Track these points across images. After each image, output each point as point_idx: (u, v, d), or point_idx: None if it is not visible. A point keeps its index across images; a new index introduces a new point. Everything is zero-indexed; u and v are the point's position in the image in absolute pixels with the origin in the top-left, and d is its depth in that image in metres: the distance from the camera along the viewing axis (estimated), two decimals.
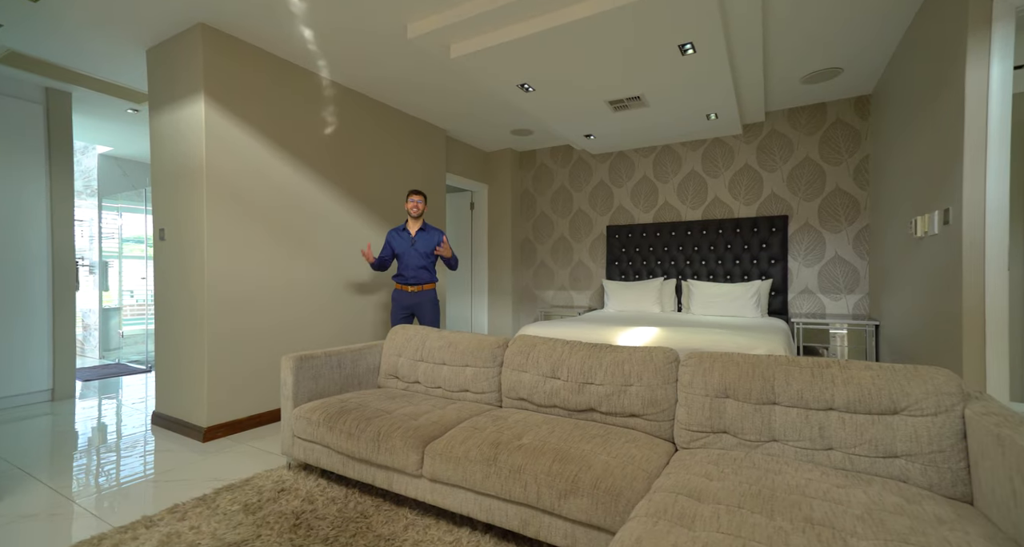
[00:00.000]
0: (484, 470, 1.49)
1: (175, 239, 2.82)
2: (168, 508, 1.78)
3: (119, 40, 2.83)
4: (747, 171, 4.31)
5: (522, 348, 2.08)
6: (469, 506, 1.55)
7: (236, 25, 2.66)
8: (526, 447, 1.51)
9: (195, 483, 2.06)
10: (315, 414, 1.97)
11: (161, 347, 2.93)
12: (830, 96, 3.83)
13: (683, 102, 3.50)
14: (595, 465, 1.37)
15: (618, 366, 1.80)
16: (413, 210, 3.23)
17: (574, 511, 1.32)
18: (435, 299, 3.29)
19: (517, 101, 3.46)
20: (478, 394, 2.16)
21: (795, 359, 1.51)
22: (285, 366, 2.11)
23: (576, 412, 1.87)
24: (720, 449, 1.53)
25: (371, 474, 1.81)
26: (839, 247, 3.92)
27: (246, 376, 2.85)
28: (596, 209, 5.11)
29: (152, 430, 2.84)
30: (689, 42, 2.57)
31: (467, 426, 1.74)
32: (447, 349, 2.29)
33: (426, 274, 3.25)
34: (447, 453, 1.58)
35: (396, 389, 2.38)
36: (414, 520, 1.69)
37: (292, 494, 1.89)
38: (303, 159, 3.19)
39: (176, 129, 2.78)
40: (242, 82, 2.82)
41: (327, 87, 3.36)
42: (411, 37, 2.67)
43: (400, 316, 3.25)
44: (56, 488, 2.03)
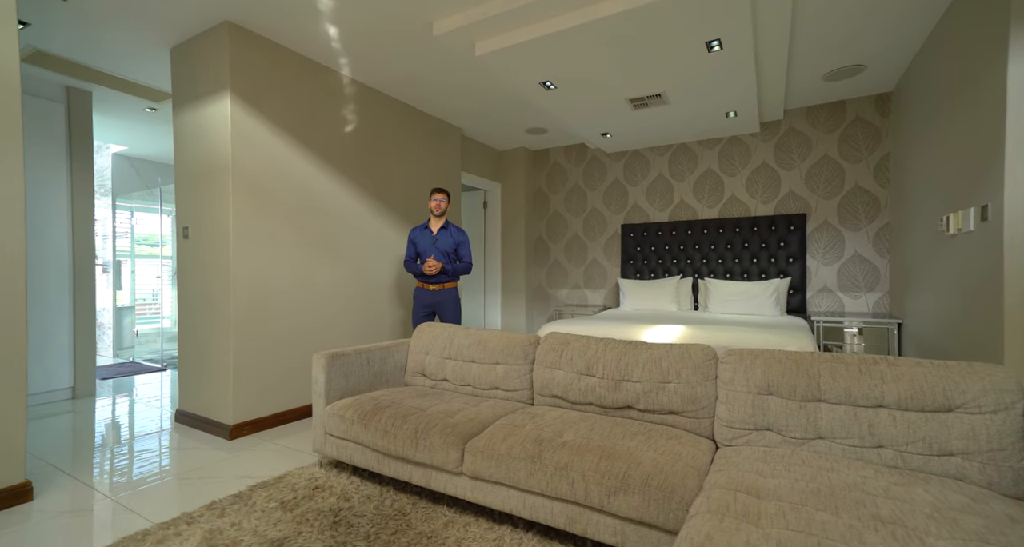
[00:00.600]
0: (528, 467, 1.49)
1: (199, 237, 2.82)
2: (206, 505, 1.79)
3: (143, 38, 2.83)
4: (764, 169, 4.29)
5: (554, 346, 2.07)
6: (512, 503, 1.55)
7: (261, 23, 2.66)
8: (570, 444, 1.51)
9: (228, 480, 2.06)
10: (348, 412, 1.97)
11: (184, 345, 2.93)
12: (850, 94, 3.81)
13: (704, 100, 3.49)
14: (644, 462, 1.36)
15: (655, 363, 1.80)
16: (436, 209, 3.24)
17: (624, 508, 1.31)
18: (456, 298, 3.28)
19: (537, 99, 3.46)
20: (509, 392, 2.15)
21: (840, 356, 1.50)
22: (317, 363, 2.11)
23: (612, 409, 1.86)
24: (764, 447, 1.52)
25: (408, 472, 1.80)
26: (859, 245, 3.90)
27: (271, 375, 2.85)
28: (611, 208, 5.10)
29: (175, 428, 2.85)
30: (717, 39, 2.56)
31: (505, 423, 1.74)
32: (476, 347, 2.29)
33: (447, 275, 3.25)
34: (489, 450, 1.58)
35: (424, 387, 2.38)
36: (453, 518, 1.68)
37: (327, 492, 1.89)
38: (325, 158, 3.19)
39: (200, 127, 2.79)
40: (266, 80, 2.82)
41: (348, 85, 3.36)
42: (436, 34, 2.67)
43: (421, 314, 3.25)
44: (90, 484, 2.03)
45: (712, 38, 2.55)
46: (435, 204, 3.23)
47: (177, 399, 3.53)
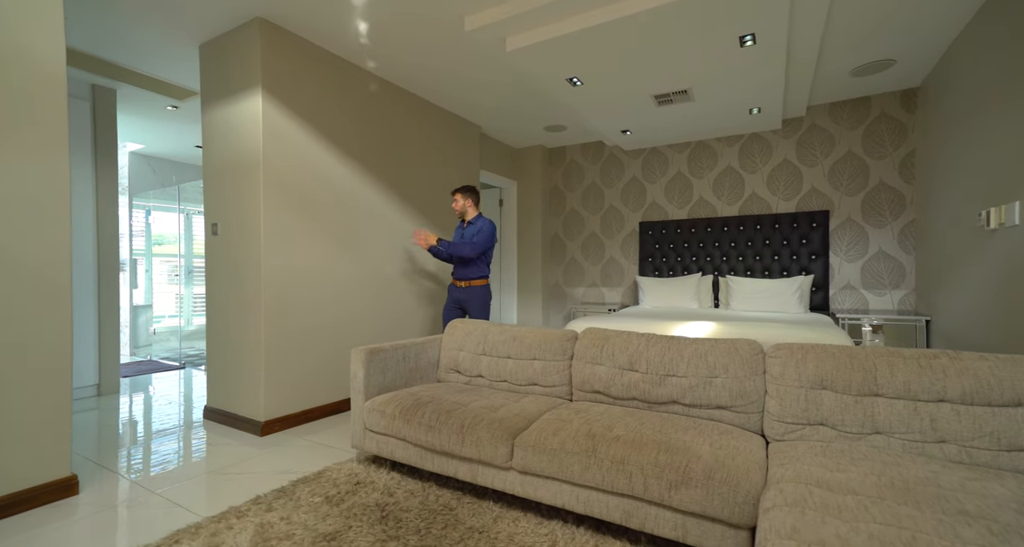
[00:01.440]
0: (583, 462, 1.48)
1: (229, 234, 2.83)
2: (251, 499, 1.79)
3: (172, 35, 2.84)
4: (786, 166, 4.26)
5: (594, 341, 2.06)
6: (564, 498, 1.54)
7: (292, 19, 2.66)
8: (624, 439, 1.50)
9: (267, 475, 2.06)
10: (389, 407, 1.97)
11: (212, 342, 2.94)
12: (874, 90, 3.78)
13: (729, 96, 3.47)
14: (703, 456, 1.35)
15: (701, 358, 1.79)
16: (455, 212, 3.28)
17: (686, 502, 1.30)
18: (484, 296, 3.21)
19: (562, 95, 3.44)
20: (547, 387, 2.15)
21: (897, 350, 1.49)
22: (356, 359, 2.11)
23: (656, 404, 1.85)
24: (819, 441, 1.50)
25: (453, 467, 1.80)
26: (883, 242, 3.87)
27: (300, 371, 2.85)
28: (628, 205, 5.08)
29: (204, 424, 2.85)
30: (751, 34, 2.54)
31: (551, 418, 1.73)
32: (512, 343, 2.28)
33: (473, 269, 3.18)
34: (540, 445, 1.57)
35: (458, 383, 2.38)
36: (500, 512, 1.68)
37: (369, 487, 1.89)
38: (351, 155, 3.19)
39: (230, 124, 2.79)
40: (295, 77, 2.82)
41: (374, 83, 3.36)
42: (468, 30, 2.66)
43: (450, 310, 3.25)
44: (132, 479, 2.04)
45: (747, 32, 2.53)
46: (454, 205, 3.26)
47: (196, 396, 3.55)
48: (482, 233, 3.15)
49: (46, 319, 1.82)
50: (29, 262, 1.78)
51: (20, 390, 1.74)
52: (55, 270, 1.85)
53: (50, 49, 1.83)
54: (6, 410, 1.71)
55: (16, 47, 1.74)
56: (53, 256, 1.84)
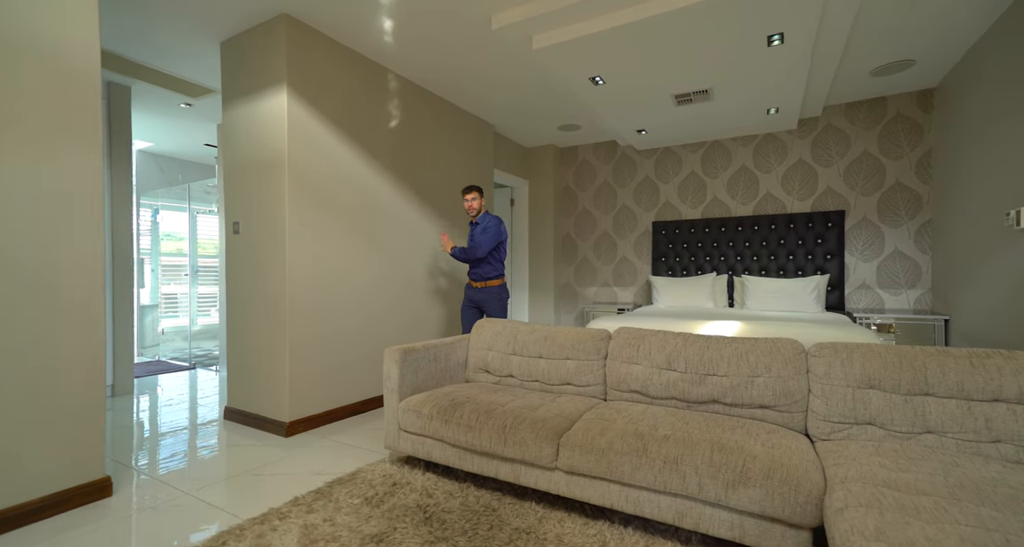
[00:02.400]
0: (634, 461, 1.47)
1: (251, 233, 2.81)
2: (289, 501, 1.77)
3: (192, 31, 2.81)
4: (801, 166, 4.27)
5: (630, 340, 2.05)
6: (612, 498, 1.53)
7: (317, 16, 2.64)
8: (673, 438, 1.49)
9: (300, 477, 2.05)
10: (425, 407, 1.96)
11: (233, 342, 2.92)
12: (891, 90, 3.79)
13: (749, 96, 3.47)
14: (758, 456, 1.35)
15: (742, 357, 1.78)
16: (469, 211, 3.23)
17: (744, 502, 1.30)
18: (501, 296, 3.20)
19: (583, 94, 3.44)
20: (581, 387, 2.14)
21: (947, 350, 1.49)
22: (390, 358, 2.09)
23: (696, 403, 1.85)
24: (868, 441, 1.50)
25: (494, 467, 1.79)
26: (899, 242, 3.89)
27: (324, 372, 2.83)
28: (641, 205, 5.08)
29: (225, 425, 2.83)
30: (780, 33, 2.54)
31: (593, 418, 1.72)
32: (543, 342, 2.27)
33: (487, 269, 3.17)
34: (588, 445, 1.56)
35: (487, 383, 2.37)
36: (544, 513, 1.67)
37: (406, 488, 1.88)
38: (372, 154, 3.17)
39: (253, 121, 2.77)
40: (318, 74, 2.80)
41: (393, 81, 3.34)
42: (495, 28, 2.65)
43: (468, 310, 3.24)
44: (160, 479, 2.02)
45: (775, 32, 2.53)
46: (466, 206, 3.22)
47: (211, 396, 3.52)
48: (487, 231, 3.12)
49: (80, 318, 1.80)
50: (63, 262, 1.76)
51: (55, 390, 1.72)
52: (89, 270, 1.83)
53: (85, 46, 1.81)
54: (42, 410, 1.69)
55: (52, 44, 1.72)
56: (87, 256, 1.82)
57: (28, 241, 1.67)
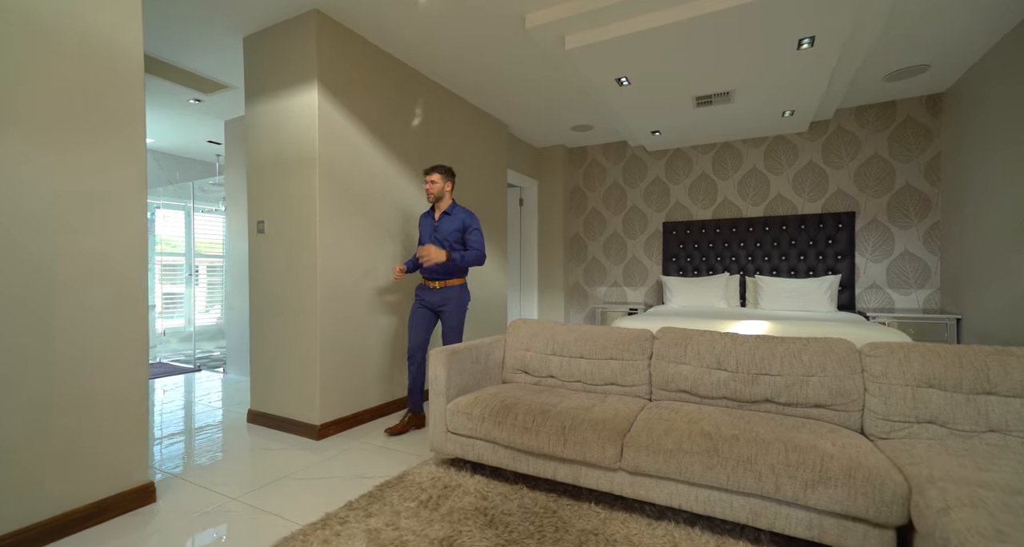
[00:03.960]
0: (705, 461, 1.47)
1: (277, 232, 2.75)
2: (344, 505, 1.74)
3: (214, 25, 2.74)
4: (812, 168, 4.34)
5: (676, 340, 2.06)
6: (681, 498, 1.54)
7: (348, 12, 2.60)
8: (742, 438, 1.50)
9: (344, 480, 2.01)
10: (476, 409, 1.94)
11: (258, 344, 2.85)
12: (901, 94, 3.88)
13: (769, 98, 3.51)
14: (835, 455, 1.36)
15: (795, 357, 1.80)
16: (427, 195, 2.65)
17: (824, 501, 1.31)
18: (461, 297, 2.68)
19: (607, 95, 3.44)
20: (626, 387, 2.14)
21: (1008, 349, 1.52)
22: (437, 360, 2.07)
23: (748, 403, 1.86)
24: (929, 440, 1.53)
25: (551, 469, 1.78)
26: (909, 243, 3.98)
27: (350, 373, 2.79)
28: (651, 206, 5.11)
29: (250, 428, 2.77)
30: (811, 37, 2.57)
31: (652, 418, 1.72)
32: (583, 342, 2.27)
33: (452, 267, 2.63)
34: (654, 445, 1.56)
35: (527, 384, 2.35)
36: (606, 514, 1.67)
37: (459, 490, 1.86)
38: (396, 152, 3.13)
39: (279, 118, 2.71)
40: (346, 71, 2.76)
41: (417, 80, 3.30)
42: (529, 27, 2.64)
43: (419, 314, 2.69)
44: (203, 485, 1.96)
45: (807, 35, 2.56)
46: (427, 187, 2.63)
47: (227, 399, 3.42)
48: (476, 231, 2.66)
49: (128, 319, 1.74)
50: (111, 261, 1.70)
51: (101, 394, 1.66)
52: (133, 269, 1.77)
53: (128, 41, 1.75)
54: (90, 414, 1.63)
55: (96, 39, 1.66)
56: (131, 254, 1.76)
57: (78, 241, 1.61)
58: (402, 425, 2.63)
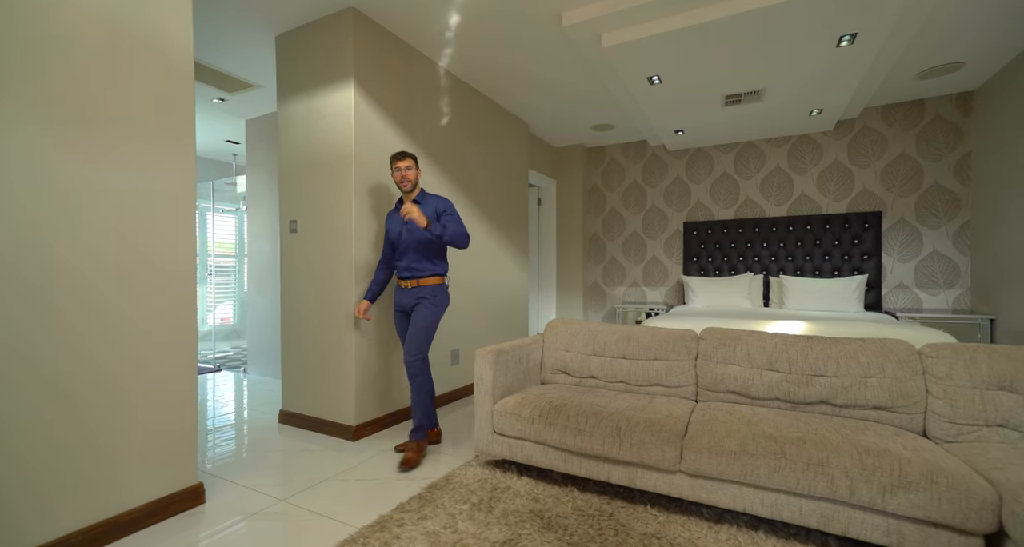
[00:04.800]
0: (772, 464, 1.45)
1: (311, 232, 2.73)
2: (395, 508, 1.72)
3: (246, 23, 2.72)
4: (837, 167, 4.31)
5: (723, 341, 2.04)
6: (745, 502, 1.51)
7: (383, 11, 2.58)
8: (809, 441, 1.47)
9: (389, 482, 1.99)
10: (524, 410, 1.92)
11: (290, 344, 2.84)
12: (929, 93, 3.84)
13: (799, 96, 3.48)
14: (911, 459, 1.34)
15: (852, 358, 1.77)
16: (403, 183, 2.34)
17: (904, 507, 1.28)
18: (434, 298, 2.35)
19: (636, 94, 3.42)
20: (671, 388, 2.11)
21: None
22: (483, 361, 2.05)
23: (802, 405, 1.84)
24: (1001, 443, 1.50)
25: (605, 471, 1.76)
26: (937, 242, 3.94)
27: (387, 374, 2.77)
28: (672, 205, 5.08)
29: (282, 429, 2.75)
30: (853, 33, 2.54)
31: (707, 420, 1.70)
32: (625, 343, 2.25)
33: (425, 265, 2.35)
34: (716, 448, 1.54)
35: (567, 384, 2.33)
36: (664, 517, 1.64)
37: (509, 493, 1.83)
38: (425, 151, 3.12)
39: (313, 117, 2.69)
40: (381, 70, 2.74)
41: (445, 78, 3.29)
42: (566, 25, 2.62)
43: (400, 323, 2.45)
44: (251, 486, 1.95)
45: (849, 32, 2.53)
46: (399, 176, 2.34)
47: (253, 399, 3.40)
48: (452, 214, 2.36)
49: (179, 320, 1.72)
50: (164, 263, 1.68)
51: (154, 392, 1.65)
52: (185, 271, 1.75)
53: (181, 45, 1.74)
54: (142, 414, 1.61)
55: (149, 38, 1.65)
56: (183, 256, 1.75)
57: (135, 242, 1.59)
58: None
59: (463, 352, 3.50)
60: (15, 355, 1.33)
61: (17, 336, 1.33)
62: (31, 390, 1.36)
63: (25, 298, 1.35)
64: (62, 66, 1.43)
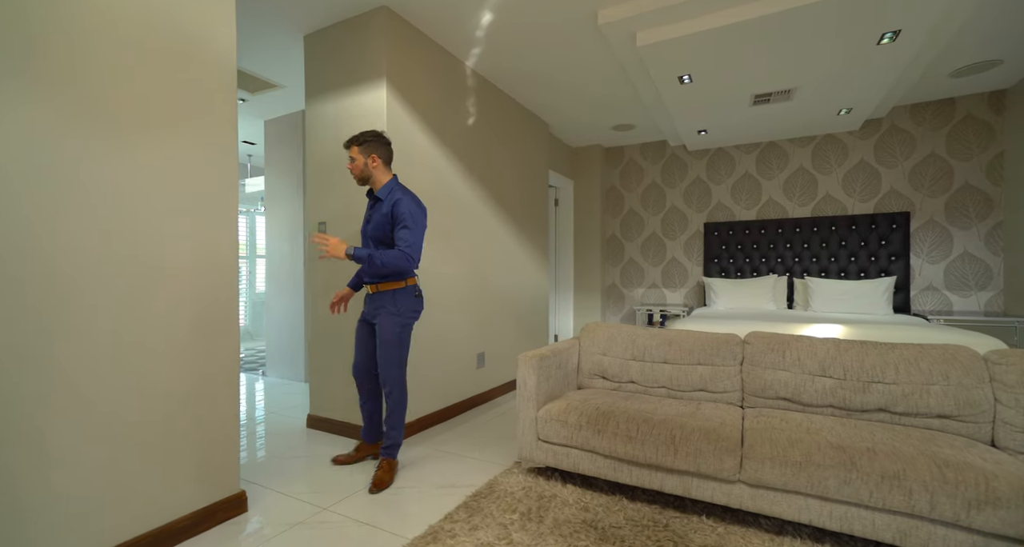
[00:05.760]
0: (842, 476, 1.40)
1: (340, 233, 2.69)
2: (443, 517, 1.67)
3: (273, 23, 2.69)
4: (863, 167, 4.24)
5: (771, 345, 1.99)
6: (811, 514, 1.46)
7: (415, 10, 2.55)
8: (881, 451, 1.42)
9: (431, 490, 1.95)
10: (571, 417, 1.87)
11: (318, 349, 2.80)
12: (960, 91, 3.77)
13: (830, 95, 3.42)
14: (998, 474, 1.28)
15: (912, 364, 1.72)
16: (353, 176, 2.08)
17: (993, 523, 1.23)
18: (395, 306, 2.00)
19: (665, 93, 3.37)
20: (716, 393, 2.06)
21: None
22: (527, 366, 2.00)
23: (858, 412, 1.78)
24: None
25: (658, 480, 1.71)
26: (968, 244, 3.87)
27: (415, 379, 2.73)
28: (692, 206, 5.03)
29: (310, 434, 2.71)
30: (896, 30, 2.48)
31: (761, 428, 1.65)
32: (667, 347, 2.20)
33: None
34: (780, 457, 1.49)
35: (606, 389, 2.28)
36: (724, 528, 1.59)
37: (557, 501, 1.79)
38: (452, 151, 3.07)
39: (343, 117, 2.66)
40: (411, 69, 2.70)
41: (471, 78, 3.25)
42: (602, 23, 2.57)
43: (360, 331, 2.15)
44: (288, 493, 1.91)
45: (893, 29, 2.48)
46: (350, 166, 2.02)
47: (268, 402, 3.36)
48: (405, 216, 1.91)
49: (222, 324, 1.69)
50: (208, 266, 1.65)
51: (198, 397, 1.61)
52: (227, 274, 1.72)
53: (224, 46, 1.70)
54: (187, 419, 1.57)
55: (193, 37, 1.61)
56: (226, 259, 1.71)
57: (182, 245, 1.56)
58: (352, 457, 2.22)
59: (488, 355, 3.45)
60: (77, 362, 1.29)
61: (73, 341, 1.30)
62: (84, 396, 1.32)
63: (76, 300, 1.31)
64: (110, 68, 1.39)
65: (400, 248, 1.89)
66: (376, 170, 2.02)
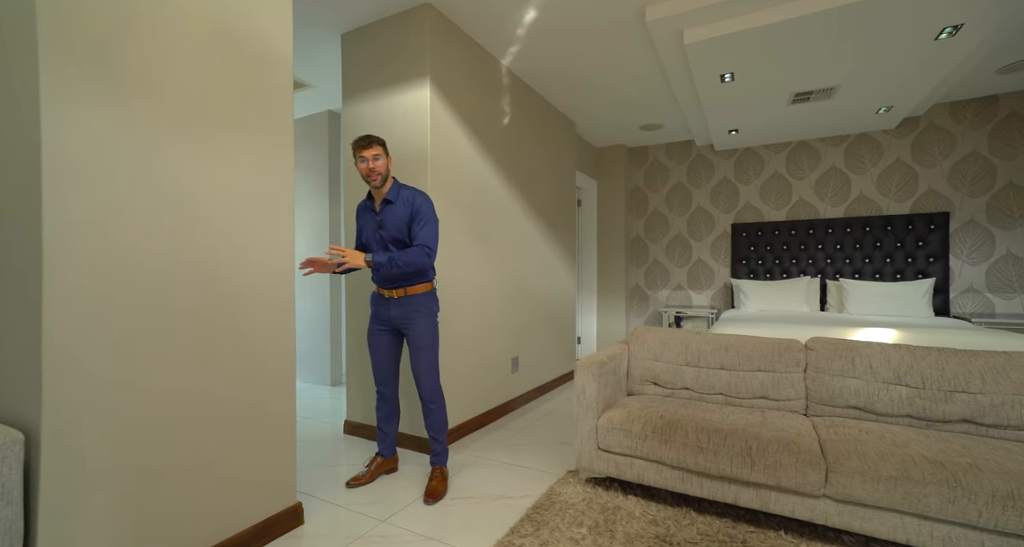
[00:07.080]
0: (944, 494, 1.32)
1: None
2: (508, 531, 1.61)
3: (310, 22, 2.63)
4: (899, 167, 4.15)
5: (838, 352, 1.91)
6: (909, 533, 1.39)
7: (457, 8, 2.49)
8: (985, 467, 1.34)
9: (487, 501, 1.88)
10: (635, 426, 1.80)
11: (353, 352, 2.74)
12: (1004, 88, 3.68)
13: (872, 93, 3.34)
14: None
15: (999, 373, 1.64)
16: (371, 176, 1.91)
17: None
18: (431, 308, 2.01)
19: (703, 92, 3.29)
20: (778, 401, 1.99)
21: None
22: (586, 373, 1.94)
23: (939, 423, 1.71)
24: None
25: (732, 493, 1.64)
26: (1012, 244, 3.77)
27: (454, 385, 2.67)
28: (719, 207, 4.94)
29: (348, 440, 2.66)
30: (958, 24, 2.40)
31: (839, 439, 1.57)
32: (724, 353, 2.12)
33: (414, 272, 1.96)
34: (871, 472, 1.41)
35: (659, 396, 2.21)
36: (806, 545, 1.52)
37: (623, 513, 1.72)
38: (489, 151, 3.01)
39: (383, 116, 2.60)
40: (453, 68, 2.64)
41: (505, 76, 3.19)
42: (649, 21, 2.50)
43: (379, 341, 2.06)
44: (343, 505, 1.85)
45: (954, 23, 2.39)
46: (365, 168, 1.90)
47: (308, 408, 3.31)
48: (424, 217, 1.92)
49: (281, 325, 1.63)
50: (266, 271, 1.59)
51: (258, 407, 1.55)
52: (284, 279, 1.66)
53: (282, 48, 1.65)
54: (249, 429, 1.52)
55: (257, 37, 1.56)
56: (283, 263, 1.66)
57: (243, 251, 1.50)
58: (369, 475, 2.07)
59: (522, 359, 3.39)
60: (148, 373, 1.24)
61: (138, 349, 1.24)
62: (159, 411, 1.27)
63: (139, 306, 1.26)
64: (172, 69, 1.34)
65: (421, 243, 1.90)
66: (389, 170, 2.00)
